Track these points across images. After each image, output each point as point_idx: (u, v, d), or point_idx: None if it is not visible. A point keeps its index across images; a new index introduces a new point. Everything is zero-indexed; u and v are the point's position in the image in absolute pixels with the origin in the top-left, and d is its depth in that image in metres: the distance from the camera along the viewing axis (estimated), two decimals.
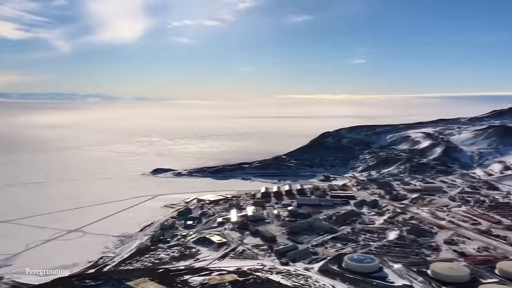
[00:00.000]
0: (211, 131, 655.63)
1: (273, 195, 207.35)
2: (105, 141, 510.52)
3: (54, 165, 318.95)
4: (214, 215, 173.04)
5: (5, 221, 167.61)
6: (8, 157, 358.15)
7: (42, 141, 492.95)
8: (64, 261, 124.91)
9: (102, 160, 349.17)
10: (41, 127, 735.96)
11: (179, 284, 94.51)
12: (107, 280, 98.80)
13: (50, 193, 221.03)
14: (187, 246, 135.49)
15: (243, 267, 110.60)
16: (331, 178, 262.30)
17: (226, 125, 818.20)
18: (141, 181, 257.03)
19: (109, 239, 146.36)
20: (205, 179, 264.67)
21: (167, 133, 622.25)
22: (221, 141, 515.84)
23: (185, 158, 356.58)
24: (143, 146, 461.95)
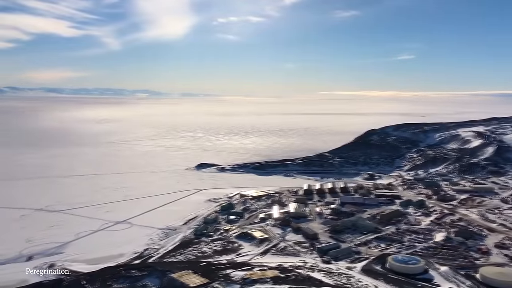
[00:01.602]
0: (255, 127, 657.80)
1: (316, 192, 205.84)
2: (152, 135, 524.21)
3: (104, 158, 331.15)
4: (256, 211, 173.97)
5: (57, 211, 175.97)
6: (61, 150, 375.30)
7: (92, 135, 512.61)
8: (111, 251, 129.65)
9: (149, 154, 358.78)
10: (92, 121, 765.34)
11: (221, 278, 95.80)
12: (152, 272, 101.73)
13: (100, 185, 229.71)
14: (229, 241, 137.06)
15: (285, 263, 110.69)
16: (375, 176, 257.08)
17: (269, 121, 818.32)
18: (186, 175, 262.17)
19: (154, 231, 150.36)
20: (248, 174, 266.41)
21: (211, 128, 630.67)
22: (265, 137, 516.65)
23: (228, 154, 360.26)
24: (189, 141, 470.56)
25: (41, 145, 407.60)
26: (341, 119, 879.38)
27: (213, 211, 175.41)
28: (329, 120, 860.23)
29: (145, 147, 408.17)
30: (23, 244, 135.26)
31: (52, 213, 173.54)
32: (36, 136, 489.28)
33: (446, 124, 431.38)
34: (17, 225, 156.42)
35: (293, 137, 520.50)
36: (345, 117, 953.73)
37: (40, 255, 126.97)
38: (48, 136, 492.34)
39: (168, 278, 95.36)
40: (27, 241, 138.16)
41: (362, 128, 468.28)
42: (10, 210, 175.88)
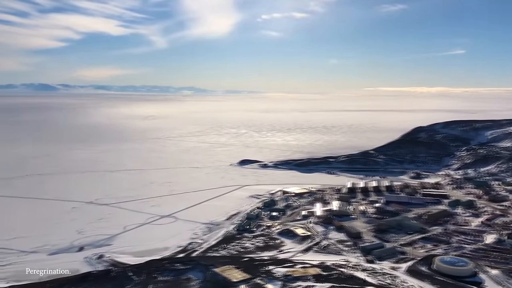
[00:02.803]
0: (297, 124, 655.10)
1: (360, 190, 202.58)
2: (197, 132, 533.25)
3: (150, 154, 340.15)
4: (298, 208, 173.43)
5: (106, 204, 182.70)
6: (110, 145, 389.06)
7: (139, 131, 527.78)
8: (157, 245, 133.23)
9: (194, 150, 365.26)
10: (139, 118, 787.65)
11: (263, 274, 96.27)
12: (195, 266, 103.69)
13: (146, 179, 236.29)
14: (271, 237, 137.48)
15: (327, 261, 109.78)
16: (422, 175, 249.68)
17: (312, 118, 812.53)
18: (229, 171, 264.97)
19: (198, 225, 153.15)
20: (290, 171, 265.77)
21: (254, 125, 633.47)
22: (307, 134, 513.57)
23: (271, 150, 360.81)
24: (232, 137, 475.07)
25: (91, 140, 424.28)
26: (386, 116, 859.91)
27: (256, 207, 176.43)
28: (374, 117, 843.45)
29: (190, 143, 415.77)
30: (75, 235, 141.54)
31: (101, 206, 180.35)
32: (86, 132, 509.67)
33: (499, 121, 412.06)
34: (69, 217, 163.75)
35: (336, 134, 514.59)
36: (390, 114, 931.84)
37: (90, 246, 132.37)
38: (98, 132, 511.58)
39: (211, 273, 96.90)
40: (78, 232, 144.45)
41: (409, 125, 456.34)
42: (62, 202, 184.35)
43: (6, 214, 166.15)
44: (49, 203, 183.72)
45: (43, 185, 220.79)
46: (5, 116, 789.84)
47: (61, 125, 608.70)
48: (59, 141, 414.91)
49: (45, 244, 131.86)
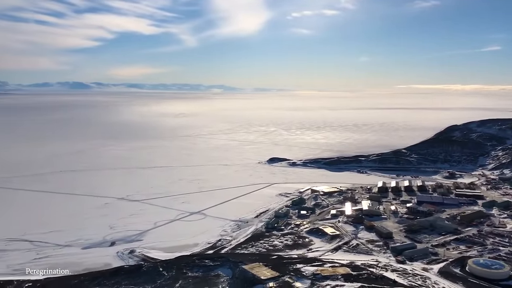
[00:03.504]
0: (327, 122, 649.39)
1: (391, 190, 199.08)
2: (226, 129, 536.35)
3: (180, 151, 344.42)
4: (327, 207, 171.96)
5: (137, 200, 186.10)
6: (141, 142, 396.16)
7: (170, 129, 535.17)
8: (186, 241, 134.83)
9: (223, 148, 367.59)
10: (170, 115, 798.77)
11: (292, 272, 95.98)
12: (224, 262, 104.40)
13: (176, 176, 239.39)
14: (300, 236, 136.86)
15: (356, 261, 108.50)
16: (456, 175, 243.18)
17: (342, 116, 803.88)
18: (258, 169, 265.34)
19: (227, 222, 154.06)
20: (319, 170, 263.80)
21: (283, 123, 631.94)
22: (337, 132, 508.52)
23: (300, 149, 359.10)
24: (261, 135, 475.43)
25: (123, 137, 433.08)
26: (419, 114, 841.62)
27: (284, 205, 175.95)
28: (406, 115, 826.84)
29: (219, 141, 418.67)
30: (107, 230, 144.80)
31: (133, 202, 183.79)
32: (118, 129, 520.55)
33: None
34: (101, 212, 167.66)
35: (367, 132, 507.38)
36: (423, 112, 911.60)
37: (121, 241, 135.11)
38: (130, 129, 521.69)
39: (240, 270, 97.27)
40: (110, 227, 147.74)
41: (442, 124, 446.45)
42: (95, 198, 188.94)
43: (42, 209, 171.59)
44: (83, 199, 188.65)
45: (76, 181, 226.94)
46: (41, 113, 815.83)
47: (94, 123, 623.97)
48: (92, 138, 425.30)
49: (79, 238, 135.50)
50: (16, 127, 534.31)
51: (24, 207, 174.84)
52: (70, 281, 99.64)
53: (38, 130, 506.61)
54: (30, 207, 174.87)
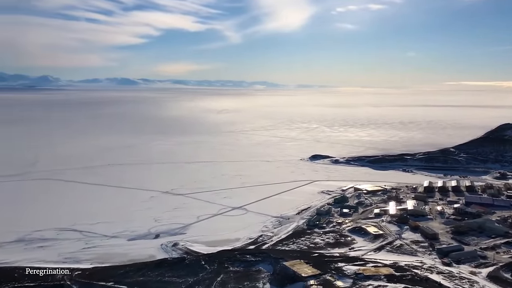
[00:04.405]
0: (372, 119, 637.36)
1: (437, 190, 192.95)
2: (269, 126, 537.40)
3: (223, 147, 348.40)
4: (371, 206, 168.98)
5: (181, 194, 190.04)
6: (186, 137, 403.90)
7: (214, 125, 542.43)
8: (228, 235, 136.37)
9: (265, 144, 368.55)
10: (213, 111, 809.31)
11: (333, 270, 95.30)
12: (265, 258, 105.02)
13: (219, 171, 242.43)
14: (342, 234, 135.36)
15: (400, 262, 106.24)
16: (508, 176, 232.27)
17: (388, 113, 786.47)
18: (299, 166, 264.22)
19: (268, 218, 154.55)
20: (363, 168, 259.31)
21: (326, 120, 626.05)
22: (382, 130, 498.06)
23: (343, 146, 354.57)
24: (303, 132, 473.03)
25: (168, 132, 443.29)
26: (469, 112, 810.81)
27: (326, 203, 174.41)
28: (456, 112, 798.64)
29: (261, 137, 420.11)
30: (152, 223, 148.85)
31: (177, 196, 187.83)
32: (164, 125, 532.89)
33: None
34: (147, 205, 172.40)
35: (413, 130, 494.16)
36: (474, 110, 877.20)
37: (165, 234, 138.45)
38: (175, 125, 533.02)
39: (281, 266, 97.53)
40: (154, 220, 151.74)
41: (494, 122, 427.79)
42: (141, 191, 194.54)
43: (91, 201, 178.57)
44: (129, 192, 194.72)
45: (124, 174, 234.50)
46: (91, 108, 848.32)
47: (143, 118, 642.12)
48: (139, 132, 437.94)
49: (125, 230, 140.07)
50: (68, 122, 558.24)
51: (74, 198, 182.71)
52: (116, 271, 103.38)
53: (88, 124, 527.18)
54: (80, 198, 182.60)
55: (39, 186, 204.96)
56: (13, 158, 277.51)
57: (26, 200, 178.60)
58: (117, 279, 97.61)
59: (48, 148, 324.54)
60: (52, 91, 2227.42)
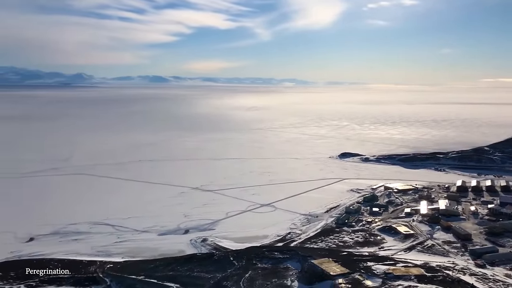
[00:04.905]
0: (404, 117, 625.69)
1: (471, 190, 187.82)
2: (298, 123, 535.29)
3: (252, 144, 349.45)
4: (401, 205, 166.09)
5: (210, 191, 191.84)
6: (215, 134, 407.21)
7: (242, 122, 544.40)
8: (256, 232, 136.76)
9: (294, 141, 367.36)
10: (242, 109, 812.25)
11: (362, 269, 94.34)
12: (293, 255, 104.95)
13: (247, 168, 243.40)
14: (371, 233, 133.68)
15: (431, 262, 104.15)
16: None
17: (420, 110, 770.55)
18: (329, 164, 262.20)
19: (296, 216, 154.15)
20: (394, 166, 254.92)
21: (356, 117, 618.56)
22: (414, 128, 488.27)
23: (373, 144, 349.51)
24: (333, 129, 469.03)
25: (198, 129, 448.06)
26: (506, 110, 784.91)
27: (356, 201, 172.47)
28: (491, 110, 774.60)
29: (290, 135, 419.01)
30: (181, 218, 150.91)
31: (206, 192, 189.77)
32: (194, 121, 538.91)
33: None
34: (177, 201, 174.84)
35: (447, 128, 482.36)
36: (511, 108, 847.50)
37: (194, 229, 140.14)
38: (205, 122, 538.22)
39: (309, 264, 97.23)
40: (184, 216, 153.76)
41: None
42: (171, 187, 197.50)
43: (122, 195, 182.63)
44: (159, 187, 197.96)
45: (154, 170, 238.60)
46: (123, 105, 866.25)
47: (172, 115, 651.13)
48: (170, 129, 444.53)
49: (155, 225, 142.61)
50: (100, 119, 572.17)
51: (106, 193, 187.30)
52: (147, 265, 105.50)
53: (120, 121, 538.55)
54: (112, 193, 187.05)
55: (73, 181, 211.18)
56: (49, 153, 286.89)
57: (61, 194, 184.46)
58: (148, 273, 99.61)
59: (81, 144, 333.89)
60: (86, 88, 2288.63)
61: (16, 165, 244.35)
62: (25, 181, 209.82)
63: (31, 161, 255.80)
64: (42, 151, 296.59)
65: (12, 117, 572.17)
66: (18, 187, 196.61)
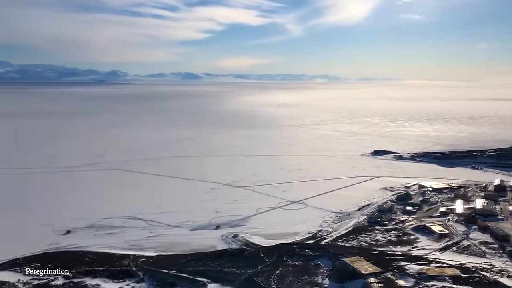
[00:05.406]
0: (439, 114, 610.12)
1: (510, 189, 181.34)
2: (329, 120, 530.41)
3: (283, 141, 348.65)
4: (436, 204, 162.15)
5: (241, 187, 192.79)
6: (246, 131, 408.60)
7: (273, 118, 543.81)
8: (287, 229, 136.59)
9: (325, 138, 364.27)
10: (273, 105, 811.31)
11: (395, 269, 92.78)
12: (324, 253, 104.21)
13: (278, 165, 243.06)
14: (405, 232, 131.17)
15: (467, 263, 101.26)
16: None
17: (456, 107, 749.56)
18: (361, 161, 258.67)
19: (327, 214, 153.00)
20: (428, 164, 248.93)
21: (390, 114, 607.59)
22: (450, 125, 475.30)
23: (407, 141, 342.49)
24: (365, 126, 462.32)
25: (229, 126, 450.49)
26: None
27: (388, 200, 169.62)
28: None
29: (321, 131, 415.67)
30: (213, 214, 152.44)
31: (237, 188, 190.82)
32: (225, 118, 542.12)
33: None
34: (208, 197, 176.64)
35: (484, 125, 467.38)
36: None
37: (226, 225, 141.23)
38: (236, 118, 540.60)
39: (340, 262, 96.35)
40: (215, 211, 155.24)
41: None
42: (203, 183, 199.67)
43: (155, 191, 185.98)
44: (191, 183, 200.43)
45: (187, 166, 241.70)
46: (156, 102, 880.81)
47: (202, 111, 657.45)
48: (200, 126, 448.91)
49: (187, 220, 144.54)
50: (134, 115, 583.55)
51: (140, 188, 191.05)
52: (178, 259, 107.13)
53: (154, 117, 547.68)
54: (145, 188, 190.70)
55: (107, 176, 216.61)
56: (85, 149, 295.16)
57: (96, 189, 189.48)
58: (179, 267, 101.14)
59: (115, 140, 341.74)
60: (121, 85, 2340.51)
61: (54, 160, 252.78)
62: (62, 175, 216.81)
63: (68, 157, 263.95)
64: (78, 147, 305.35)
65: (53, 113, 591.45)
66: (56, 182, 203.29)
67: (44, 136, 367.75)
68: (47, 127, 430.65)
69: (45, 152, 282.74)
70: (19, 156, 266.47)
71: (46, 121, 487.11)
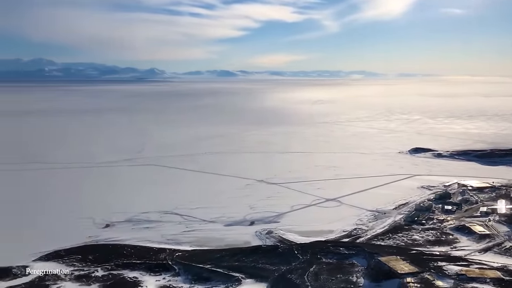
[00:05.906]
0: (481, 110, 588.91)
1: None
2: (365, 117, 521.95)
3: (317, 138, 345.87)
4: (477, 204, 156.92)
5: (275, 183, 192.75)
6: (280, 128, 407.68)
7: (308, 115, 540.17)
8: (322, 227, 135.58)
9: (361, 136, 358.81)
10: (308, 102, 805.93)
11: (432, 269, 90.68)
12: (359, 252, 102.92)
13: (313, 162, 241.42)
14: (443, 232, 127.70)
15: (510, 265, 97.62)
16: None
17: (500, 103, 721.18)
18: (398, 159, 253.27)
19: (363, 212, 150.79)
20: (469, 163, 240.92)
21: (429, 111, 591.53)
22: (493, 122, 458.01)
23: (447, 139, 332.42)
24: (403, 123, 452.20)
25: (264, 123, 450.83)
26: None
27: (427, 199, 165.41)
28: None
29: (357, 128, 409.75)
30: (247, 210, 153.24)
31: (271, 185, 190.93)
32: (260, 115, 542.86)
33: None
34: (243, 193, 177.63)
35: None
36: None
37: (260, 221, 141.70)
38: (270, 115, 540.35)
39: (376, 261, 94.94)
40: (250, 207, 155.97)
41: None
42: (238, 179, 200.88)
43: (190, 186, 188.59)
44: (226, 179, 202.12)
45: (221, 162, 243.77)
46: (192, 99, 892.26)
47: (239, 108, 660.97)
48: (235, 122, 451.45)
49: (222, 216, 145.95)
50: (171, 112, 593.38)
51: (176, 184, 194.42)
52: (213, 254, 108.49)
53: (190, 114, 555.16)
54: (181, 184, 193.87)
55: (144, 171, 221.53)
56: (124, 145, 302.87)
57: (133, 184, 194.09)
58: (214, 262, 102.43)
59: (152, 136, 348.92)
60: (159, 83, 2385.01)
61: (93, 155, 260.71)
62: (101, 171, 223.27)
63: (106, 152, 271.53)
64: (116, 143, 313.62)
65: (93, 110, 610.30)
66: (95, 177, 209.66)
67: (84, 132, 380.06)
68: (88, 124, 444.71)
69: (83, 147, 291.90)
70: (61, 151, 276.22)
71: (87, 118, 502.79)
